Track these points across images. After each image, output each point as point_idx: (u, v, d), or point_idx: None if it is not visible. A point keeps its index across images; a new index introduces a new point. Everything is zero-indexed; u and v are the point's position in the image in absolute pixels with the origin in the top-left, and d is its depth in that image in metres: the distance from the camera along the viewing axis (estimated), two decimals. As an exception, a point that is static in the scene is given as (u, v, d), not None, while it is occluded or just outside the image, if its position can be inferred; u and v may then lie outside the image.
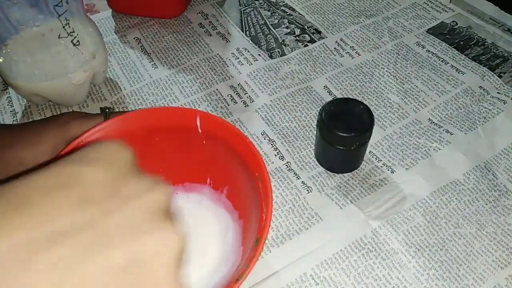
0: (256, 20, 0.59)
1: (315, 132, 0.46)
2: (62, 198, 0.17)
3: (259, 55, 0.54)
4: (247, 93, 0.50)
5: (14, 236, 0.15)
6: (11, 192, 0.16)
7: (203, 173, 0.37)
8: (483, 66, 0.52)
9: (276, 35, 0.57)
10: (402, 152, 0.45)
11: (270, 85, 0.51)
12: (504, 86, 0.50)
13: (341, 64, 0.53)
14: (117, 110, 0.47)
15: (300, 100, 0.49)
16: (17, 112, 0.48)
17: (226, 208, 0.37)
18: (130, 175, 0.19)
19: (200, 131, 0.34)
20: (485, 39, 0.55)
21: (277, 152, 0.45)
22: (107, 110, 0.39)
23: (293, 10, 0.60)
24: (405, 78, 0.51)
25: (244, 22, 0.59)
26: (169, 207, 0.19)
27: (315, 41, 0.56)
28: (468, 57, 0.53)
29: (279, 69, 0.53)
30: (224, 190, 0.37)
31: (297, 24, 0.58)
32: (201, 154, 0.36)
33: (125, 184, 0.18)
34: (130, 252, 0.16)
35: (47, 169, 0.18)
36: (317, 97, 0.50)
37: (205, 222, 0.36)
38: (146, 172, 0.21)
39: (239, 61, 0.54)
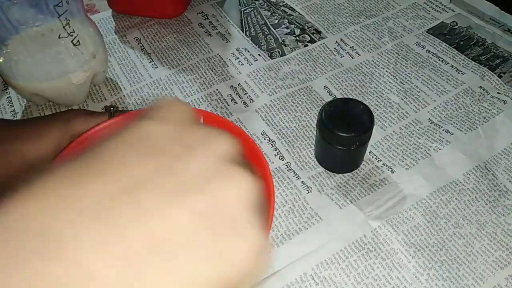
0: (256, 20, 0.59)
1: (315, 132, 0.46)
2: (134, 151, 0.17)
3: (259, 55, 0.54)
4: (247, 93, 0.50)
5: (94, 189, 0.15)
6: (88, 153, 0.16)
7: None
8: (483, 66, 0.52)
9: (276, 35, 0.57)
10: (402, 152, 0.45)
11: (270, 85, 0.51)
12: (504, 86, 0.50)
13: (341, 64, 0.53)
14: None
15: (300, 100, 0.49)
16: (17, 112, 0.48)
17: None
18: (196, 126, 0.19)
19: None
20: (485, 39, 0.55)
21: (277, 152, 0.45)
22: (111, 108, 0.39)
23: (293, 10, 0.60)
24: (405, 78, 0.51)
25: (244, 22, 0.59)
26: (237, 155, 0.19)
27: (315, 41, 0.56)
28: (468, 57, 0.53)
29: (279, 69, 0.53)
30: None
31: (297, 24, 0.58)
32: None
33: (193, 135, 0.18)
34: (209, 197, 0.16)
35: (118, 132, 0.18)
36: (317, 97, 0.50)
37: None
38: None
39: (239, 61, 0.54)
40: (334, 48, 0.55)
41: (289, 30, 0.57)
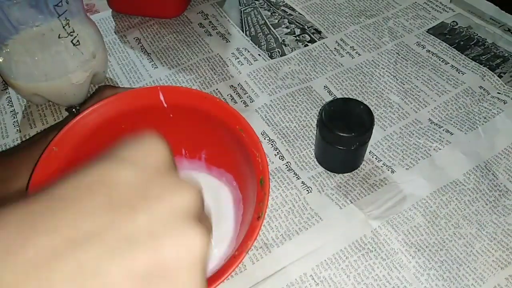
0: (256, 20, 0.59)
1: (315, 132, 0.46)
2: (90, 200, 0.17)
3: (259, 55, 0.54)
4: (247, 93, 0.50)
5: (39, 242, 0.15)
6: (45, 196, 0.17)
7: (176, 145, 0.37)
8: (483, 66, 0.52)
9: (276, 35, 0.57)
10: (402, 152, 0.45)
11: (270, 85, 0.51)
12: (504, 86, 0.50)
13: (341, 64, 0.53)
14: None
15: (300, 100, 0.49)
16: (17, 113, 0.48)
17: (208, 171, 0.37)
18: (162, 174, 0.19)
19: (165, 105, 0.34)
20: (485, 39, 0.55)
21: (277, 152, 0.45)
22: (74, 110, 0.38)
23: (293, 10, 0.60)
24: (405, 78, 0.51)
25: (244, 22, 0.59)
26: (198, 207, 0.19)
27: (315, 41, 0.56)
28: (468, 57, 0.53)
29: (279, 69, 0.53)
30: (202, 155, 0.37)
31: (297, 24, 0.58)
32: (171, 127, 0.35)
33: (155, 185, 0.18)
34: (153, 257, 0.16)
35: (84, 167, 0.18)
36: (317, 97, 0.50)
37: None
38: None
39: (239, 61, 0.54)
40: (334, 48, 0.55)
41: (289, 30, 0.57)
